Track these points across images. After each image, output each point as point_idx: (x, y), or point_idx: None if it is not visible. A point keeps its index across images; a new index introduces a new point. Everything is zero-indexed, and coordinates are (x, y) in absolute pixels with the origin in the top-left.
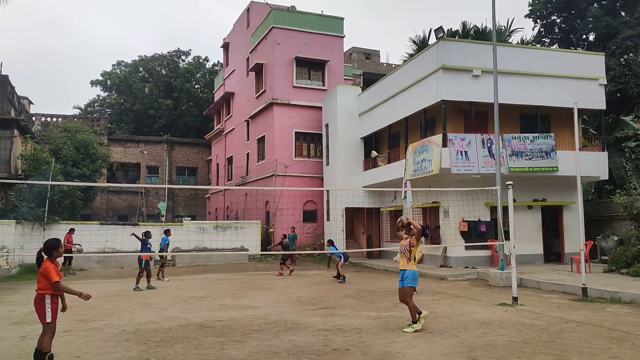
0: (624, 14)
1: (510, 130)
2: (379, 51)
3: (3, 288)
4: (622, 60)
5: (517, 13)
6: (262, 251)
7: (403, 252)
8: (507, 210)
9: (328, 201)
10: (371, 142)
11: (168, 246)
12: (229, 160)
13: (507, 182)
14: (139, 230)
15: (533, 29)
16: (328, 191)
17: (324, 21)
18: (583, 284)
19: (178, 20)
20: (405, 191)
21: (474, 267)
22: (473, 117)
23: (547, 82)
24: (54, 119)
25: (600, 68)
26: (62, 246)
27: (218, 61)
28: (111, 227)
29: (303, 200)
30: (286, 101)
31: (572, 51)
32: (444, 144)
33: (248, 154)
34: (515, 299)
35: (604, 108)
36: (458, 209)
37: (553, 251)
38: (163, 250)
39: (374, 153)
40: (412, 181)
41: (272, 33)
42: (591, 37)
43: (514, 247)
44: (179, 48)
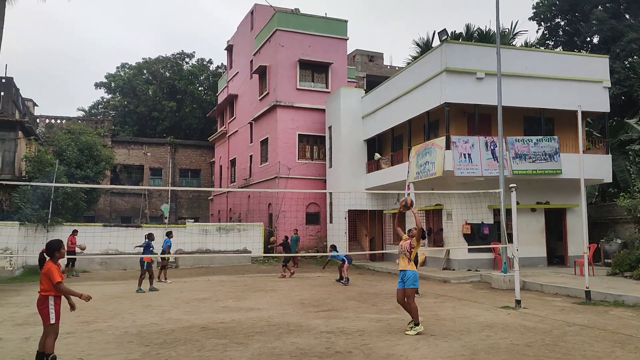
0: (628, 17)
1: (513, 132)
2: (383, 54)
3: (6, 289)
4: (627, 63)
5: (521, 16)
6: (265, 253)
7: (403, 253)
8: (511, 212)
9: (331, 203)
10: (374, 145)
11: (170, 248)
12: (232, 162)
13: (511, 185)
14: (142, 232)
15: (537, 32)
16: (331, 193)
17: (328, 24)
18: (586, 287)
19: (181, 22)
20: (408, 194)
21: (477, 270)
22: (476, 120)
23: (551, 85)
24: (58, 121)
25: (604, 71)
26: (64, 247)
27: (222, 63)
28: (114, 229)
29: (306, 202)
30: (290, 103)
31: (576, 54)
32: (447, 147)
33: (251, 156)
34: (518, 302)
35: (608, 111)
36: (461, 212)
37: (556, 254)
38: (165, 252)
39: (377, 155)
40: (415, 184)
41: (276, 35)
42: (595, 40)
43: (517, 250)
44: (183, 50)
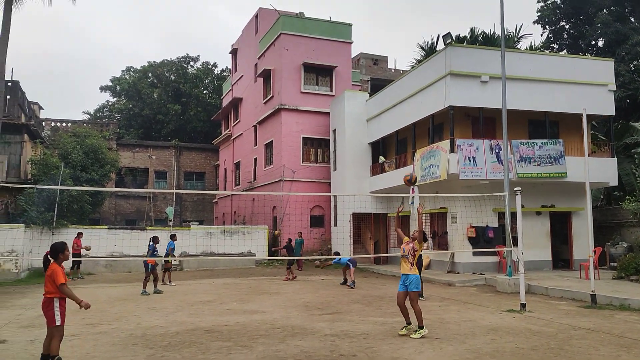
0: (633, 20)
1: (518, 136)
2: (387, 57)
3: (12, 292)
4: (632, 66)
5: (526, 19)
6: (269, 256)
7: (406, 257)
8: (515, 216)
9: (335, 206)
10: (379, 148)
11: (173, 250)
12: (237, 165)
13: (516, 188)
14: (147, 234)
15: (542, 35)
16: (335, 196)
17: (332, 27)
18: (592, 291)
19: (186, 25)
20: (412, 197)
21: (482, 273)
22: (481, 123)
23: (556, 88)
24: (64, 124)
25: (609, 74)
26: (68, 249)
27: (226, 67)
28: (119, 232)
29: (310, 205)
30: (294, 107)
31: (581, 57)
32: (452, 150)
33: (256, 159)
34: (523, 306)
35: (614, 114)
36: (466, 215)
37: (562, 257)
38: (168, 254)
39: (382, 158)
40: (420, 187)
41: (281, 39)
42: (600, 43)
43: (522, 253)
44: (188, 54)
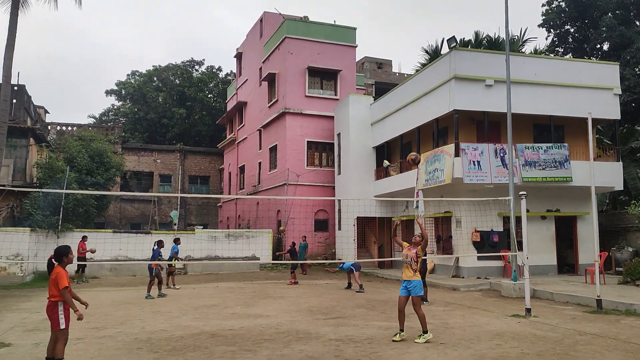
0: (638, 24)
1: (523, 140)
2: (391, 61)
3: (17, 295)
4: (637, 70)
5: (531, 23)
6: (274, 260)
7: (409, 264)
8: (520, 220)
9: (340, 210)
10: (383, 152)
11: (177, 254)
12: (241, 169)
13: (520, 192)
14: (152, 238)
15: (546, 39)
16: (340, 200)
17: (337, 31)
18: (597, 296)
19: (191, 29)
20: (417, 201)
21: (487, 278)
22: (486, 127)
23: (561, 92)
24: (69, 128)
25: (614, 78)
26: (72, 253)
27: (231, 71)
28: (124, 235)
29: (315, 209)
30: (298, 110)
31: (586, 61)
32: (457, 154)
33: (260, 163)
34: (528, 311)
35: (619, 118)
36: (470, 219)
37: (567, 262)
38: (172, 258)
39: (386, 162)
40: (424, 191)
41: (285, 43)
42: (605, 47)
43: (527, 258)
44: (193, 58)
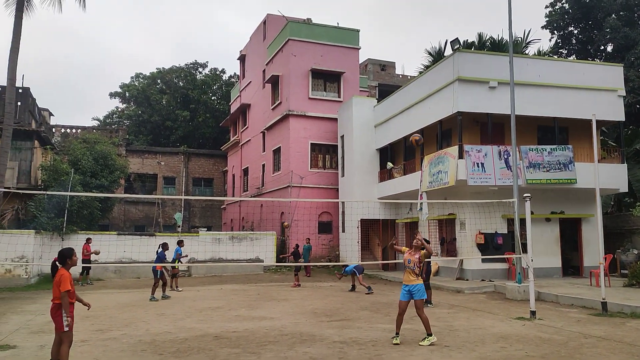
0: None
1: (527, 142)
2: (395, 63)
3: (22, 297)
4: None
5: (534, 24)
6: (277, 262)
7: (412, 269)
8: (525, 222)
9: (343, 212)
10: (387, 154)
11: (181, 256)
12: (245, 171)
13: (525, 195)
14: (156, 240)
15: (550, 40)
16: (343, 203)
17: (340, 33)
18: (603, 299)
19: (194, 32)
20: (421, 203)
21: (491, 280)
22: (489, 129)
23: (565, 94)
24: (74, 130)
25: (618, 79)
26: (76, 255)
27: (234, 73)
28: (128, 238)
29: (318, 211)
30: (302, 113)
31: (590, 62)
32: (460, 156)
33: (264, 165)
34: (533, 313)
35: (623, 119)
36: (474, 221)
37: (572, 264)
38: (175, 260)
39: (390, 164)
40: (428, 193)
41: (288, 45)
42: (609, 48)
43: (532, 260)
44: (196, 60)
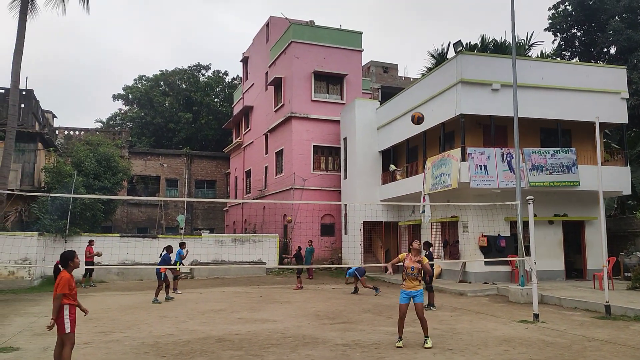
0: None
1: (530, 144)
2: (397, 65)
3: (25, 299)
4: None
5: (537, 26)
6: (280, 262)
7: (414, 276)
8: (528, 225)
9: (346, 215)
10: (389, 156)
11: (183, 258)
12: (248, 173)
13: (528, 197)
14: (159, 242)
15: (553, 42)
16: (346, 205)
17: (343, 35)
18: (606, 302)
19: (198, 34)
20: (423, 205)
21: (494, 283)
22: (492, 131)
23: (568, 96)
24: (77, 132)
25: (622, 81)
26: (78, 257)
27: (237, 75)
28: (131, 240)
29: (321, 213)
30: (305, 115)
31: (593, 64)
32: (463, 158)
33: (266, 167)
34: (536, 316)
35: (626, 122)
36: (477, 224)
37: (575, 267)
38: (177, 262)
39: (392, 167)
40: (431, 195)
41: (291, 47)
42: (612, 51)
43: (535, 263)
44: (199, 62)
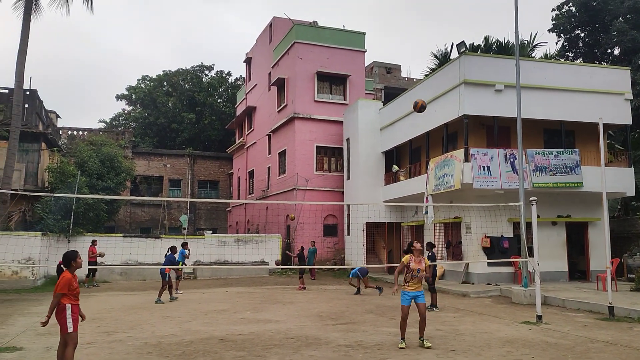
0: None
1: (533, 145)
2: (400, 65)
3: (28, 299)
4: None
5: (540, 27)
6: (283, 265)
7: (420, 278)
8: (531, 226)
9: (349, 215)
10: (392, 157)
11: (186, 257)
12: (250, 173)
13: (531, 198)
14: (162, 243)
15: (556, 43)
16: (349, 206)
17: (346, 36)
18: (610, 303)
19: (201, 34)
20: (426, 206)
21: (497, 284)
22: (496, 132)
23: (572, 97)
24: (80, 133)
25: (625, 82)
26: (80, 257)
27: (240, 75)
28: (134, 240)
29: (324, 214)
30: (307, 115)
31: (597, 65)
32: (466, 159)
33: (269, 168)
34: (539, 317)
35: (630, 123)
36: (480, 225)
37: (578, 269)
38: (180, 262)
39: (395, 167)
40: (434, 196)
41: (294, 48)
42: (616, 52)
43: (538, 264)
44: (202, 63)
